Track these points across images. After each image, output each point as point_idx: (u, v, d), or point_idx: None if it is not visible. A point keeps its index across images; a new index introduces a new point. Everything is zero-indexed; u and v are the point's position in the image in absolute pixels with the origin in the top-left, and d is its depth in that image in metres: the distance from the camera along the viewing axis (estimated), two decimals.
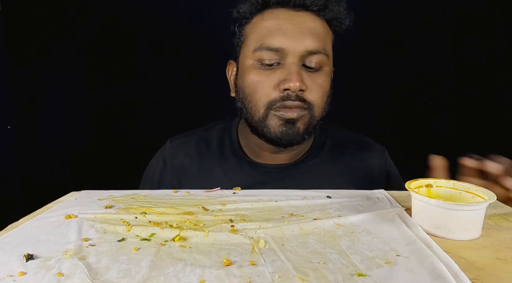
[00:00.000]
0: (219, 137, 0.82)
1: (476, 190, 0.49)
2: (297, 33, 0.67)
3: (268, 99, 0.69)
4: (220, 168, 0.78)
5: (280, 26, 0.68)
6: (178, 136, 0.86)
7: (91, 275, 0.36)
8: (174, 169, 0.80)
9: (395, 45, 1.21)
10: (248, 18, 0.73)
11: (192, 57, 1.23)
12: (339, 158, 0.80)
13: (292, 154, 0.79)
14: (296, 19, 0.69)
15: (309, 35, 0.68)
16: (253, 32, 0.71)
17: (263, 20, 0.70)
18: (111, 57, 1.24)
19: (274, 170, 0.77)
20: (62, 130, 1.28)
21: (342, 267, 0.38)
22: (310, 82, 0.68)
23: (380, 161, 0.83)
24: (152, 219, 0.51)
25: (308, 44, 0.67)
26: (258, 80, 0.69)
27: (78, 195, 0.63)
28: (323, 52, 0.69)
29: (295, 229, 0.47)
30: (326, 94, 0.72)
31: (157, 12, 1.21)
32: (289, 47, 0.67)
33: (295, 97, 0.67)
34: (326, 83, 0.71)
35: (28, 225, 0.50)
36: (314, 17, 0.70)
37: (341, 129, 0.87)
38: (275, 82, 0.68)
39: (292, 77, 0.66)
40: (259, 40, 0.69)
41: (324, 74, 0.71)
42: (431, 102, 1.25)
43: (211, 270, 0.37)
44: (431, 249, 0.41)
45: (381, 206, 0.56)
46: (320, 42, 0.69)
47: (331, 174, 0.78)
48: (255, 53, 0.69)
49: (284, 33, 0.67)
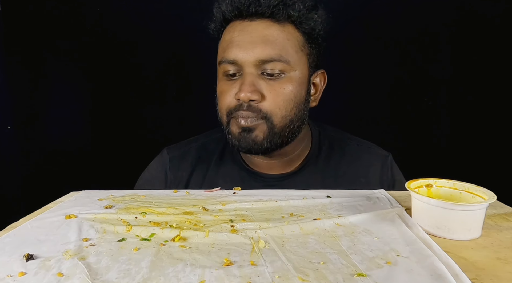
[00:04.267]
0: (219, 146, 0.82)
1: (476, 190, 0.49)
2: (248, 43, 0.68)
3: (227, 108, 0.71)
4: (222, 178, 0.79)
5: (234, 38, 0.70)
6: (175, 147, 0.85)
7: (91, 275, 0.36)
8: (177, 180, 0.80)
9: (395, 46, 1.21)
10: (217, 34, 0.76)
11: (193, 57, 1.23)
12: (338, 165, 0.79)
13: (288, 161, 0.78)
14: (249, 29, 0.69)
15: (261, 43, 0.68)
16: (219, 46, 0.75)
17: (224, 35, 0.73)
18: (111, 57, 1.24)
19: (273, 179, 0.77)
20: (62, 131, 1.28)
21: (342, 267, 0.38)
22: (267, 92, 0.69)
23: (383, 167, 0.81)
24: (152, 219, 0.51)
25: (260, 53, 0.67)
26: (222, 91, 0.72)
27: (78, 195, 0.63)
28: (279, 59, 0.68)
29: (295, 229, 0.47)
30: (289, 102, 0.70)
31: (158, 11, 1.21)
32: (242, 58, 0.68)
33: (246, 107, 0.69)
34: (288, 90, 0.69)
35: (28, 225, 0.49)
36: (270, 24, 0.69)
37: (342, 134, 0.85)
38: (234, 92, 0.70)
39: (243, 88, 0.68)
40: (220, 54, 0.73)
41: (286, 81, 0.69)
42: (431, 102, 1.25)
43: (211, 270, 0.37)
44: (431, 249, 0.41)
45: (381, 206, 0.56)
46: (275, 49, 0.68)
47: (329, 183, 0.76)
48: (220, 66, 0.73)
49: (237, 45, 0.69)
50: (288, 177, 0.78)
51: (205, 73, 1.21)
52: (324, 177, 0.78)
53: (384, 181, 0.80)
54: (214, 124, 0.88)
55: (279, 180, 0.77)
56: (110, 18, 1.22)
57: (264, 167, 0.78)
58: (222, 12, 0.72)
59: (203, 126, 0.91)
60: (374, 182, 0.79)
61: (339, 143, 0.83)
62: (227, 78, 0.72)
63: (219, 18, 0.74)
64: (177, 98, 1.26)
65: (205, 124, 0.90)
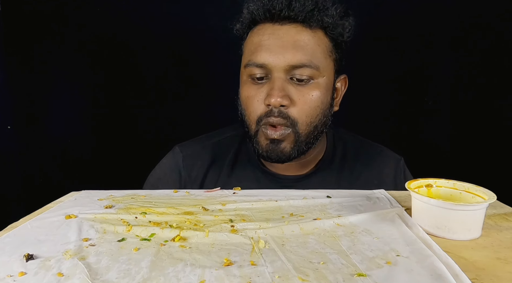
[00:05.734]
0: (234, 145, 0.82)
1: (476, 190, 0.49)
2: (279, 48, 0.67)
3: (256, 115, 0.70)
4: (237, 177, 0.78)
5: (263, 42, 0.68)
6: (187, 144, 0.83)
7: (91, 275, 0.36)
8: (191, 180, 0.79)
9: (395, 46, 1.21)
10: (242, 35, 0.75)
11: (193, 58, 1.23)
12: (352, 168, 0.79)
13: (304, 162, 0.78)
14: (280, 33, 0.68)
15: (292, 49, 0.67)
16: (245, 48, 0.73)
17: (251, 37, 0.72)
18: (111, 57, 1.24)
19: (287, 180, 0.77)
20: (62, 130, 1.28)
21: (342, 267, 0.38)
22: (296, 97, 0.68)
23: (396, 170, 0.81)
24: (152, 219, 0.51)
25: (291, 58, 0.67)
26: (248, 96, 0.71)
27: (78, 195, 0.63)
28: (310, 65, 0.67)
29: (295, 229, 0.47)
30: (315, 108, 0.70)
31: (159, 11, 1.21)
32: (272, 63, 0.67)
33: (277, 113, 0.68)
34: (316, 96, 0.69)
35: (28, 225, 0.49)
36: (301, 29, 0.68)
37: (355, 137, 0.85)
38: (263, 97, 0.69)
39: (273, 92, 0.67)
40: (247, 56, 0.71)
41: (314, 87, 0.69)
42: (431, 102, 1.25)
43: (211, 270, 0.37)
44: (431, 249, 0.41)
45: (381, 206, 0.56)
46: (306, 55, 0.67)
47: (344, 184, 0.77)
48: (246, 69, 0.71)
49: (267, 49, 0.68)
50: (304, 178, 0.78)
51: (205, 74, 1.22)
52: (339, 178, 0.78)
53: (397, 184, 0.80)
54: (214, 125, 0.89)
55: (295, 181, 0.77)
56: (110, 18, 1.22)
57: (280, 168, 0.78)
58: (251, 13, 0.71)
59: (203, 127, 0.91)
60: (387, 184, 0.78)
61: (352, 145, 0.83)
62: (253, 81, 0.70)
63: (248, 19, 0.72)
64: (177, 99, 1.26)
65: (205, 125, 0.90)
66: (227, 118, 0.87)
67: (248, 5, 0.71)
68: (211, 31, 1.15)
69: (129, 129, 1.29)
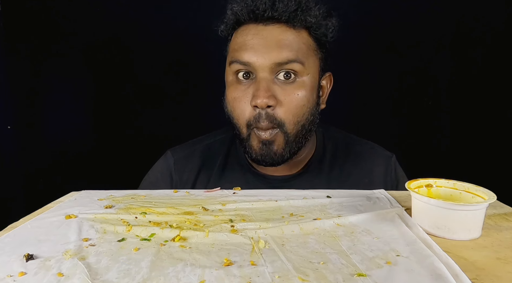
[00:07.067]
0: (224, 147, 0.82)
1: (476, 190, 0.49)
2: (263, 47, 0.67)
3: (245, 118, 0.70)
4: (227, 180, 0.78)
5: (248, 42, 0.69)
6: (179, 148, 0.84)
7: (91, 275, 0.36)
8: (183, 182, 0.80)
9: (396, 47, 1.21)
10: (226, 36, 0.75)
11: (193, 58, 1.23)
12: (342, 166, 0.79)
13: (294, 163, 0.78)
14: (264, 33, 0.68)
15: (276, 47, 0.67)
16: (230, 48, 0.73)
17: (236, 37, 0.72)
18: (111, 57, 1.24)
19: (276, 181, 0.77)
20: (62, 130, 1.28)
21: (342, 267, 0.38)
22: (282, 97, 0.68)
23: (386, 168, 0.81)
24: (152, 219, 0.51)
25: (276, 56, 0.67)
26: (235, 98, 0.70)
27: (78, 195, 0.63)
28: (295, 60, 0.67)
29: (295, 229, 0.47)
30: (302, 107, 0.69)
31: (160, 10, 1.21)
32: (256, 62, 0.67)
33: (265, 116, 0.67)
34: (301, 95, 0.69)
35: (28, 225, 0.49)
36: (285, 29, 0.69)
37: (345, 135, 0.85)
38: (249, 99, 0.69)
39: (259, 93, 0.66)
40: (231, 55, 0.71)
41: (299, 86, 0.69)
42: (431, 102, 1.25)
43: (211, 270, 0.37)
44: (431, 249, 0.41)
45: (381, 206, 0.56)
46: (291, 51, 0.67)
47: (333, 184, 0.77)
48: (231, 66, 0.71)
49: (251, 48, 0.68)
50: (293, 178, 0.78)
51: (205, 74, 1.22)
52: (329, 177, 0.78)
53: (387, 182, 0.80)
54: (214, 125, 0.89)
55: (284, 181, 0.77)
56: (110, 18, 1.22)
57: (269, 169, 0.78)
58: (235, 14, 0.71)
59: (203, 127, 0.91)
60: (378, 182, 0.79)
61: (342, 144, 0.83)
62: (238, 81, 0.71)
63: (232, 20, 0.72)
64: (177, 99, 1.26)
65: (205, 125, 0.90)
66: (227, 119, 0.87)
67: (232, 6, 0.72)
68: (211, 31, 1.15)
69: (129, 130, 1.29)
